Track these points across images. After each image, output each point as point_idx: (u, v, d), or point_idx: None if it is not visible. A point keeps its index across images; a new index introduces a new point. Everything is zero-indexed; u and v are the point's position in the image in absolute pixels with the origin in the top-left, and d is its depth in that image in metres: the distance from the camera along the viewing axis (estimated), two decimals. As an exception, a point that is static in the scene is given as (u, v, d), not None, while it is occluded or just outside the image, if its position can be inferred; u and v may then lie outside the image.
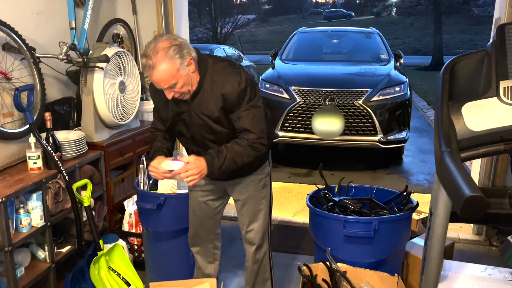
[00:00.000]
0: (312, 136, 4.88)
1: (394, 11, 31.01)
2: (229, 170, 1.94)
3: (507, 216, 1.88)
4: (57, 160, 2.36)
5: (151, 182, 2.67)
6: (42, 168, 2.39)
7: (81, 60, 2.67)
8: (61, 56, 2.63)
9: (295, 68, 5.85)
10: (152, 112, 2.23)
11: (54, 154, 2.36)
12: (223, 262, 2.54)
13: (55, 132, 2.48)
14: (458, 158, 1.53)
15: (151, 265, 2.66)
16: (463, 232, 3.38)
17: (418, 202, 2.38)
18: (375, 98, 4.84)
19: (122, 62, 2.95)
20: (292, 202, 4.10)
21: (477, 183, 3.17)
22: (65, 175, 2.37)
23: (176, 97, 1.88)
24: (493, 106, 1.63)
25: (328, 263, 2.21)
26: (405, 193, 2.46)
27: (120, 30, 3.49)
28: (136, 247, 2.88)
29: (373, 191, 2.59)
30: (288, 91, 5.02)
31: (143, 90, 3.31)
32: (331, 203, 2.43)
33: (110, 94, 2.85)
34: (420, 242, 2.58)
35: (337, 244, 2.24)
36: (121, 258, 2.61)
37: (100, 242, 2.50)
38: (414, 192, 3.02)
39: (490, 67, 1.68)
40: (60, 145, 2.47)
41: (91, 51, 2.85)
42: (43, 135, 2.41)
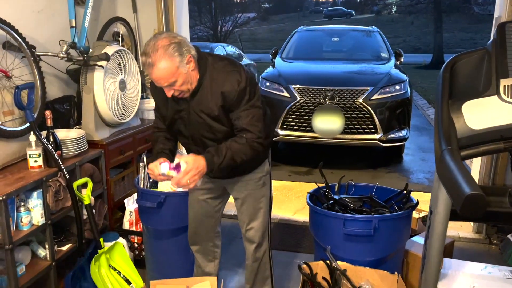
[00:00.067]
0: (312, 135, 4.87)
1: (395, 10, 31.03)
2: (227, 168, 1.94)
3: (507, 215, 1.88)
4: (57, 158, 2.36)
5: (151, 180, 2.66)
6: (42, 166, 2.39)
7: (81, 58, 2.68)
8: (61, 55, 2.63)
9: (295, 66, 5.84)
10: (152, 110, 2.23)
11: (54, 153, 2.36)
12: (223, 260, 2.55)
13: (55, 130, 2.48)
14: (458, 157, 1.53)
15: (152, 263, 2.66)
16: (463, 231, 3.39)
17: (418, 200, 2.38)
18: (375, 97, 4.83)
19: (123, 61, 2.95)
20: (292, 200, 4.11)
21: (477, 181, 3.17)
22: (65, 173, 2.37)
23: (176, 95, 1.88)
24: (493, 104, 1.63)
25: (328, 261, 2.21)
26: (405, 191, 2.46)
27: (121, 29, 3.48)
28: (136, 245, 2.89)
29: (373, 189, 2.60)
30: (288, 89, 5.01)
31: (144, 88, 3.31)
32: (331, 202, 2.44)
33: (110, 93, 2.85)
34: (420, 240, 2.58)
35: (337, 242, 2.25)
36: (121, 256, 2.61)
37: (101, 240, 2.51)
38: (414, 191, 3.02)
39: (490, 65, 1.68)
40: (61, 143, 2.47)
41: (91, 50, 2.84)
42: (44, 133, 2.41)
